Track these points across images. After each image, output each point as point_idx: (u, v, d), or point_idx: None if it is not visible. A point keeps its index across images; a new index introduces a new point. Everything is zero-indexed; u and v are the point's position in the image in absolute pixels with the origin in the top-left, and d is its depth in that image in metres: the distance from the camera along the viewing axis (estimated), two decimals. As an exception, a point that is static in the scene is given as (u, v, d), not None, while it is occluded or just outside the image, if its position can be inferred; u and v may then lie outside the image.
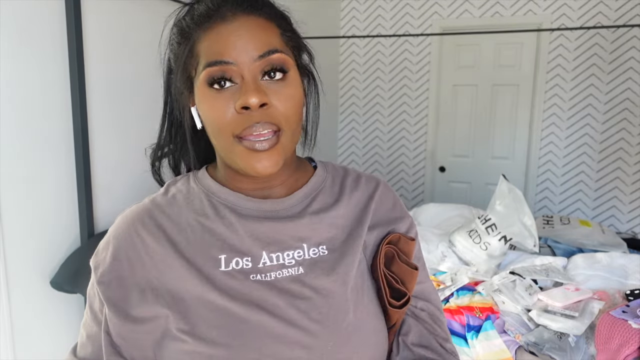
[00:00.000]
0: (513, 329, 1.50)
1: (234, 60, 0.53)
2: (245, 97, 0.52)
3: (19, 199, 1.46)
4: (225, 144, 0.56)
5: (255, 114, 0.53)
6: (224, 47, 0.54)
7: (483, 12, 3.33)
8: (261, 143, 0.54)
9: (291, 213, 0.62)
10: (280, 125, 0.55)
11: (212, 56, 0.54)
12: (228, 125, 0.54)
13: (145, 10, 1.90)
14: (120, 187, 1.82)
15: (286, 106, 0.55)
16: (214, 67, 0.54)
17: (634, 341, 1.30)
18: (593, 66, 3.11)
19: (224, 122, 0.54)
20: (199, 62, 0.56)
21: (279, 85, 0.55)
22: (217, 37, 0.54)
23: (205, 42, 0.55)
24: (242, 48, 0.54)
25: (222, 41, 0.54)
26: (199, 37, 0.56)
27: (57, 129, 1.57)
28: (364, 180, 0.70)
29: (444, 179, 3.66)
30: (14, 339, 1.46)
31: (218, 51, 0.54)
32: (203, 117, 0.58)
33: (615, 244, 2.18)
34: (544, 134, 3.32)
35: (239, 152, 0.55)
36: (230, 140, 0.55)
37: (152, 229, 0.60)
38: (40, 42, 1.49)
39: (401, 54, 3.59)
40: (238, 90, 0.54)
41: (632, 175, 3.12)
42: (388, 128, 3.74)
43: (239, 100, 0.53)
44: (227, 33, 0.54)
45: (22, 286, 1.49)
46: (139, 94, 1.91)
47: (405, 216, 0.70)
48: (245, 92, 0.53)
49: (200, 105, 0.57)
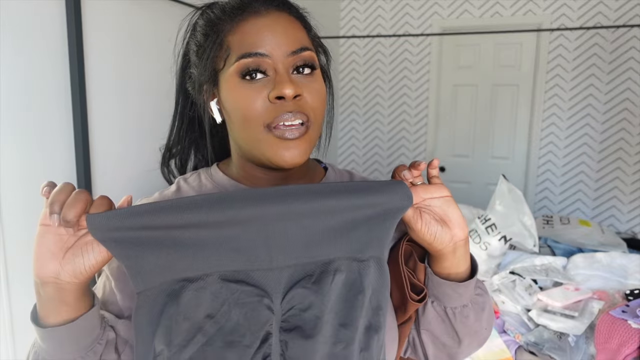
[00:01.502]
0: (513, 328, 1.50)
1: (269, 53, 0.55)
2: (281, 87, 0.54)
3: (19, 199, 1.46)
4: (253, 133, 0.56)
5: (288, 104, 0.55)
6: (259, 40, 0.55)
7: (483, 12, 3.33)
8: (291, 132, 0.56)
9: None
10: (309, 117, 0.57)
11: (247, 48, 0.55)
12: (259, 114, 0.55)
13: (146, 10, 1.90)
14: (120, 187, 1.82)
15: (315, 99, 0.57)
16: (248, 58, 0.55)
17: (634, 341, 1.30)
18: (593, 66, 3.11)
19: (255, 111, 0.55)
20: (229, 54, 0.56)
21: (308, 79, 0.58)
22: (251, 29, 0.56)
23: (237, 34, 0.56)
24: (276, 42, 0.55)
25: (257, 34, 0.56)
26: (230, 29, 0.57)
27: (57, 128, 1.57)
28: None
29: (444, 179, 3.66)
30: (14, 339, 1.46)
31: (253, 43, 0.55)
32: (230, 108, 0.58)
33: (614, 243, 2.18)
34: (543, 134, 3.32)
35: (268, 140, 0.56)
36: (260, 129, 0.56)
37: None
38: (40, 42, 1.49)
39: (401, 54, 3.59)
40: (270, 81, 0.55)
41: (632, 175, 3.12)
42: (388, 128, 3.74)
43: (273, 90, 0.55)
44: (262, 26, 0.56)
45: (22, 286, 1.49)
46: (139, 93, 1.91)
47: None
48: (280, 82, 0.55)
49: (229, 95, 0.57)
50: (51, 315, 0.50)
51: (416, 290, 0.63)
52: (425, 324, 0.65)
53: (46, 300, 0.50)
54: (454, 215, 0.58)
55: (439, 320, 0.63)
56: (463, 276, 0.61)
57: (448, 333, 0.64)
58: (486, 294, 0.66)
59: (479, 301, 0.64)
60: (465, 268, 0.61)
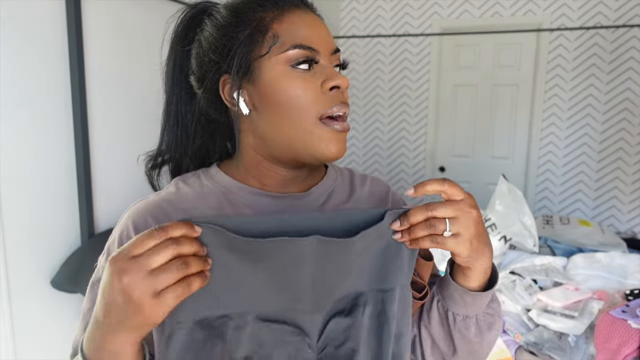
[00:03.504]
0: (513, 328, 1.50)
1: (320, 49, 0.57)
2: (336, 78, 0.56)
3: (20, 199, 1.46)
4: (303, 123, 0.56)
5: (342, 94, 0.58)
6: (313, 34, 0.56)
7: (483, 12, 3.33)
8: (341, 124, 0.57)
9: (311, 208, 0.63)
10: (348, 110, 0.59)
11: (301, 39, 0.55)
12: (314, 104, 0.56)
13: (146, 10, 1.90)
14: (120, 187, 1.82)
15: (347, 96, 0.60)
16: (304, 50, 0.55)
17: (634, 341, 1.30)
18: (593, 66, 3.11)
19: (310, 100, 0.55)
20: (277, 41, 0.55)
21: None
22: (302, 21, 0.57)
23: (285, 22, 0.56)
24: (324, 39, 0.58)
25: (309, 28, 0.57)
26: (276, 17, 0.56)
27: (57, 129, 1.57)
28: (369, 180, 0.72)
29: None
30: (15, 339, 1.46)
31: (307, 36, 0.56)
32: (275, 98, 0.56)
33: (614, 243, 2.18)
34: (543, 134, 3.32)
35: (322, 135, 0.56)
36: (311, 120, 0.56)
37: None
38: (40, 42, 1.49)
39: (401, 54, 3.59)
40: (320, 73, 0.56)
41: (632, 175, 3.12)
42: (388, 128, 3.74)
43: (328, 80, 0.56)
44: (310, 21, 0.57)
45: (23, 286, 1.49)
46: (139, 94, 1.91)
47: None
48: (333, 74, 0.57)
49: (276, 84, 0.55)
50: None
51: (418, 288, 0.62)
52: (426, 321, 0.64)
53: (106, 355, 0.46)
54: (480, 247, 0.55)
55: (439, 321, 0.63)
56: (475, 287, 0.59)
57: (445, 339, 0.63)
58: (498, 316, 0.63)
59: (486, 319, 0.61)
60: (479, 284, 0.59)
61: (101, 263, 0.60)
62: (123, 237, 0.58)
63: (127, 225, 0.58)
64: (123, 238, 0.58)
